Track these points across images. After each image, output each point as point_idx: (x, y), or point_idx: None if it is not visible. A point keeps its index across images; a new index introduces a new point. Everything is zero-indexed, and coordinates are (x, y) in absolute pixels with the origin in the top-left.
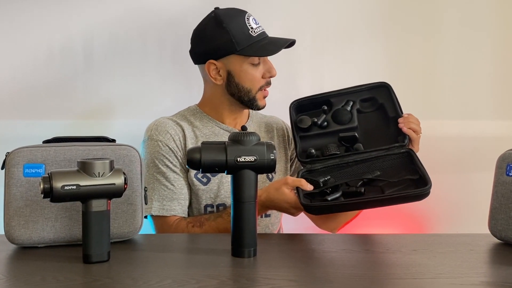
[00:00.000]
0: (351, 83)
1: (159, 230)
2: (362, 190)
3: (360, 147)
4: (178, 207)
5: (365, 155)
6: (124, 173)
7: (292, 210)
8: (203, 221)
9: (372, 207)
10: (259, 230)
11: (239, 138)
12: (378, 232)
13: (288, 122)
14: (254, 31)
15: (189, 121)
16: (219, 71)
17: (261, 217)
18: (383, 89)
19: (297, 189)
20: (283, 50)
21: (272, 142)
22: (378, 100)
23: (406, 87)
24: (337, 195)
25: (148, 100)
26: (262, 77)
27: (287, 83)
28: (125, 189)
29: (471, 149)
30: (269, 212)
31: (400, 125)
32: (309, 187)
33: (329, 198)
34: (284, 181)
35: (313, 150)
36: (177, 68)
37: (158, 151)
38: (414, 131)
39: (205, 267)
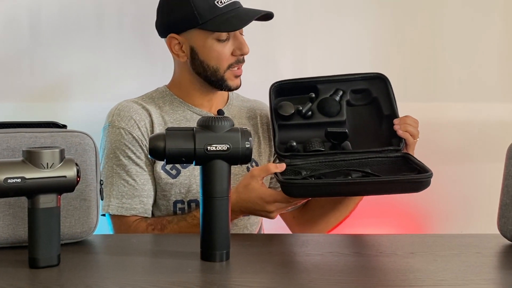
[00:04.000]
0: (339, 62)
1: (117, 231)
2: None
3: (348, 146)
4: (139, 206)
5: (353, 156)
6: (76, 164)
7: (268, 207)
8: (165, 224)
9: (363, 194)
10: (237, 231)
11: (210, 124)
12: (370, 232)
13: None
14: (221, 2)
15: (157, 105)
16: (182, 46)
17: None
18: (379, 81)
19: (276, 175)
20: (260, 24)
21: (248, 128)
22: (372, 93)
23: (405, 65)
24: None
25: (106, 80)
26: (232, 55)
27: (266, 62)
28: (77, 182)
29: (478, 136)
30: None
31: (396, 127)
32: (280, 166)
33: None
34: (251, 175)
35: (294, 143)
36: (139, 44)
37: (120, 140)
38: (411, 135)
39: (170, 272)
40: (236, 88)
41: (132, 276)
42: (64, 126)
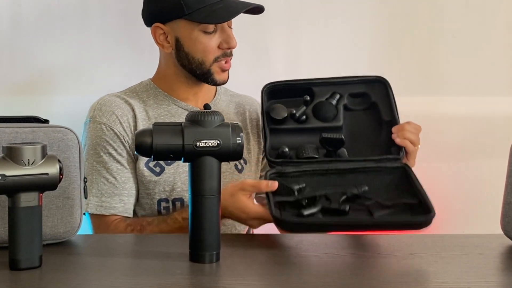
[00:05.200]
0: (335, 55)
1: (96, 231)
2: (346, 208)
3: (344, 153)
4: (119, 205)
5: (349, 165)
6: (59, 161)
7: (251, 222)
8: (144, 225)
9: (357, 231)
10: (224, 231)
11: (199, 118)
12: (367, 232)
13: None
14: None
15: (141, 99)
16: (167, 36)
17: None
18: (379, 85)
19: (267, 196)
20: (252, 17)
21: (239, 123)
22: (371, 98)
23: (404, 57)
24: (315, 210)
25: (90, 73)
26: (219, 47)
27: (258, 56)
28: (60, 180)
29: (480, 131)
30: None
31: (393, 136)
32: (271, 185)
33: (305, 213)
34: (241, 186)
35: (287, 149)
36: (124, 35)
37: (101, 136)
38: (411, 142)
39: (157, 274)
40: (223, 83)
41: (118, 279)
42: (46, 121)
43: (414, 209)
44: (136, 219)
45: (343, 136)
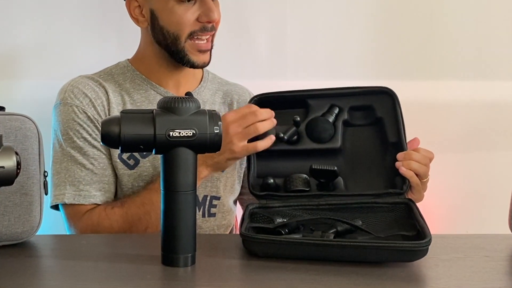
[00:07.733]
0: (325, 33)
1: (73, 222)
2: (331, 237)
3: (341, 184)
4: (99, 193)
5: (343, 199)
6: (16, 153)
7: (225, 129)
8: (125, 200)
9: (338, 258)
10: (200, 233)
11: (172, 105)
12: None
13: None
14: None
15: (116, 82)
16: (142, 9)
17: (203, 216)
18: (385, 97)
19: (243, 217)
20: None
21: (217, 111)
22: (376, 112)
23: (403, 38)
24: (294, 236)
25: (54, 55)
26: (198, 21)
27: (238, 30)
28: (17, 174)
29: (487, 120)
30: (214, 210)
31: (398, 164)
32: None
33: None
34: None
35: (272, 180)
36: (94, 11)
37: (73, 119)
38: (417, 174)
39: (126, 279)
40: (203, 65)
41: (81, 284)
42: (2, 108)
43: (411, 240)
44: (115, 200)
45: (335, 168)
